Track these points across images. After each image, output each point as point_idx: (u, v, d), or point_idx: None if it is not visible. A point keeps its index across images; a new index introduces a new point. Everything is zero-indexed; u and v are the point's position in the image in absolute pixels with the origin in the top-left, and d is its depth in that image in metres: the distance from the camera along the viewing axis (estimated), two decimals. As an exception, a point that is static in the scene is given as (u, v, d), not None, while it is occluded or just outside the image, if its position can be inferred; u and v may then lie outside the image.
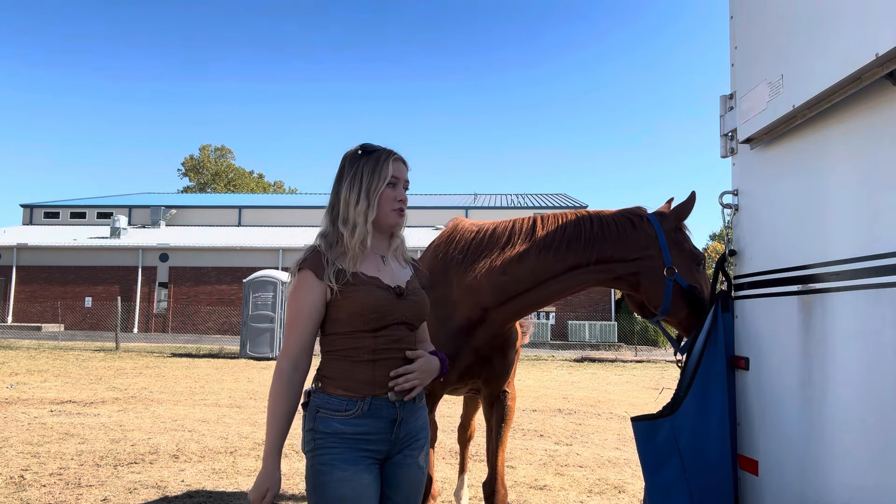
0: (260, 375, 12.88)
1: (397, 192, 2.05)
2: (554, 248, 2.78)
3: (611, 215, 2.85)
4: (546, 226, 2.87)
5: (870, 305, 1.79)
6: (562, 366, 17.30)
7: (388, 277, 2.03)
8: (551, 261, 2.76)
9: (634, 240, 2.75)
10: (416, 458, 2.02)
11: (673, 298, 2.68)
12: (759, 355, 2.30)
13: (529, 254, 2.80)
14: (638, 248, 2.74)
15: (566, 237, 2.79)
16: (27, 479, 4.87)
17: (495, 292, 2.80)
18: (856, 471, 1.84)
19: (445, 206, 36.08)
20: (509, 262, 2.81)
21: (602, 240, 2.75)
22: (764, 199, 2.35)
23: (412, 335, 2.05)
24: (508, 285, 2.79)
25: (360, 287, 1.94)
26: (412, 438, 2.01)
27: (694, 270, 2.75)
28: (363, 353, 1.94)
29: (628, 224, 2.79)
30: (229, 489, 4.79)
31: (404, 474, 2.00)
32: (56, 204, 40.25)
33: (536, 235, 2.85)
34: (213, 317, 30.54)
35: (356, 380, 1.93)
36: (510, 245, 2.86)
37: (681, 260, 2.73)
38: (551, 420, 8.39)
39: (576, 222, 2.83)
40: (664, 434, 2.44)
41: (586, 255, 2.75)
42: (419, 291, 2.09)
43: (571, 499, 4.80)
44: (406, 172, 2.10)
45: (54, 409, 8.03)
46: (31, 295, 31.72)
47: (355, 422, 1.91)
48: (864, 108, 1.85)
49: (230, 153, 65.96)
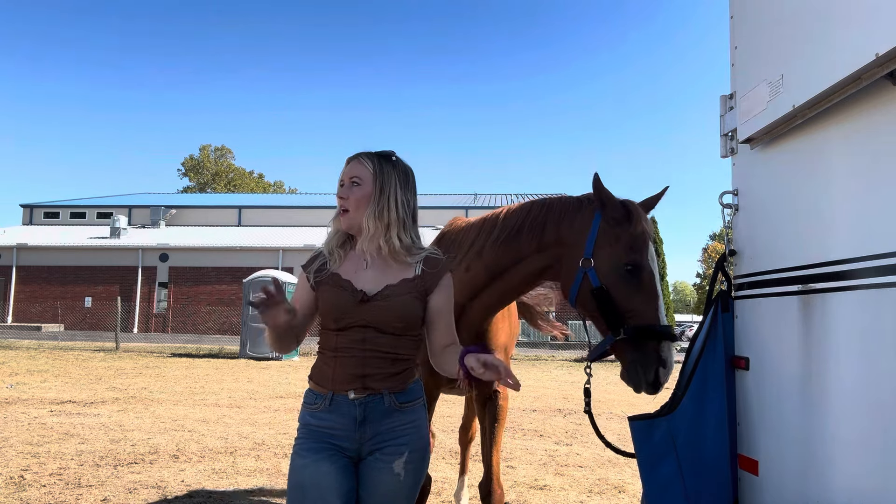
0: (260, 375, 12.88)
1: (341, 192, 2.07)
2: (503, 240, 2.70)
3: (567, 198, 2.71)
4: (506, 217, 2.78)
5: (870, 305, 1.79)
6: (562, 366, 17.30)
7: (365, 280, 2.01)
8: (501, 253, 2.70)
9: (574, 224, 2.59)
10: (389, 463, 1.96)
11: (580, 292, 2.54)
12: (759, 355, 2.30)
13: (485, 248, 2.75)
14: (573, 234, 2.57)
15: (515, 226, 2.69)
16: (27, 479, 4.87)
17: (466, 288, 2.77)
18: (856, 471, 1.84)
19: (445, 206, 36.05)
20: (472, 259, 2.79)
21: (543, 224, 2.63)
22: (764, 199, 2.35)
23: (385, 338, 1.98)
24: (473, 281, 2.77)
25: (330, 288, 2.02)
26: (385, 441, 1.97)
27: (619, 272, 2.46)
28: (328, 349, 2.02)
29: (573, 207, 2.64)
30: (229, 489, 4.79)
31: (376, 477, 1.96)
32: (56, 204, 40.26)
33: (495, 227, 2.77)
34: (212, 317, 30.54)
35: (323, 375, 2.02)
36: (477, 239, 2.83)
37: (607, 256, 2.48)
38: (551, 420, 8.39)
39: (528, 209, 2.72)
40: (661, 433, 2.43)
41: (529, 243, 2.65)
42: (395, 297, 1.99)
43: (571, 499, 4.80)
44: (354, 170, 2.06)
45: (54, 409, 8.03)
46: (31, 295, 31.72)
47: (320, 415, 1.98)
48: (864, 108, 1.85)
49: (230, 153, 66.00)
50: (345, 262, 2.07)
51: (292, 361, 16.54)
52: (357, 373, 1.96)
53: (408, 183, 2.09)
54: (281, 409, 8.68)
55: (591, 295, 2.48)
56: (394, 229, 2.02)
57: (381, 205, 2.01)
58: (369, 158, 2.06)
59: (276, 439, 6.62)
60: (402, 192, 2.06)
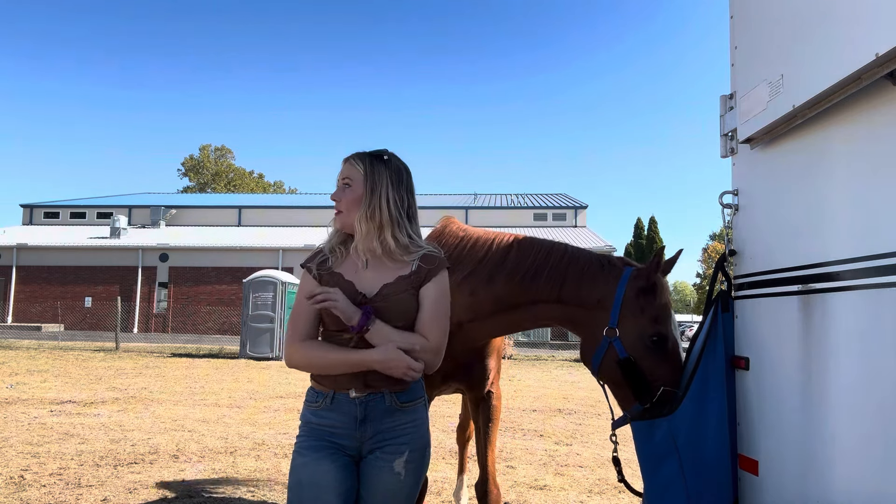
0: (260, 375, 12.88)
1: (334, 194, 2.08)
2: (520, 278, 2.65)
3: (585, 253, 2.67)
4: (521, 250, 2.72)
5: (870, 305, 1.79)
6: (562, 366, 17.30)
7: (364, 281, 2.02)
8: (516, 290, 2.66)
9: (596, 286, 2.55)
10: (390, 462, 1.96)
11: (604, 361, 2.53)
12: (759, 355, 2.30)
13: (496, 278, 2.70)
14: (594, 297, 2.55)
15: (534, 266, 2.64)
16: (27, 479, 4.87)
17: (466, 310, 2.73)
18: (856, 471, 1.84)
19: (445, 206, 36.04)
20: (478, 284, 2.74)
21: (563, 277, 2.60)
22: (764, 199, 2.35)
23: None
24: (476, 306, 2.74)
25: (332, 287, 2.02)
26: (384, 440, 1.97)
27: (646, 343, 2.47)
28: None
29: (597, 267, 2.60)
30: (229, 489, 4.79)
31: (376, 476, 1.96)
32: (56, 204, 40.25)
33: (508, 259, 2.71)
34: (212, 317, 30.54)
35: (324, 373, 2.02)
36: (483, 263, 2.77)
37: (633, 327, 2.48)
38: (551, 420, 8.39)
39: (547, 252, 2.68)
40: (662, 434, 2.44)
41: (548, 291, 2.61)
42: (392, 296, 1.99)
43: (571, 499, 4.80)
44: (345, 172, 2.07)
45: (54, 409, 8.02)
46: (31, 295, 31.71)
47: (322, 413, 1.99)
48: (864, 108, 1.85)
49: (230, 153, 65.99)
50: (346, 261, 2.07)
51: (292, 361, 16.53)
52: (358, 371, 1.96)
53: (401, 181, 2.06)
54: (281, 409, 8.67)
55: (617, 365, 2.50)
56: (387, 229, 2.00)
57: (373, 205, 2.00)
58: (360, 159, 2.06)
59: (276, 439, 6.62)
60: (395, 190, 2.03)
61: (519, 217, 37.75)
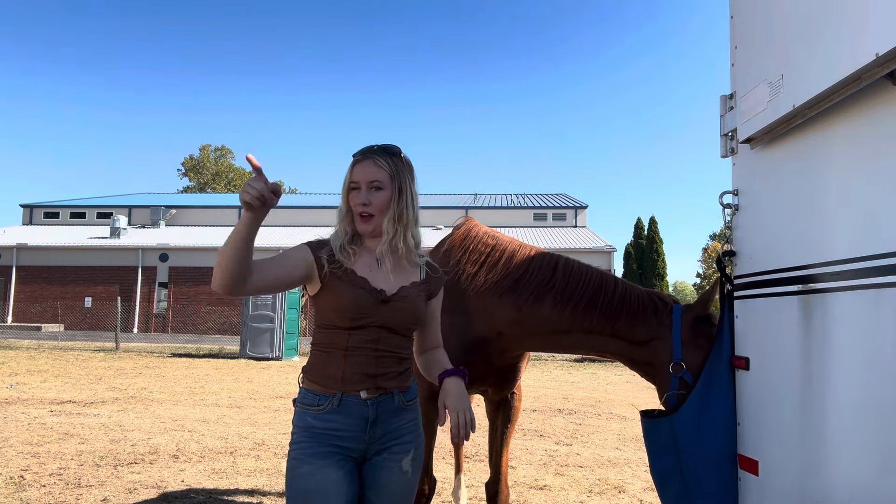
0: (260, 375, 12.88)
1: (360, 197, 1.94)
2: (573, 306, 2.68)
3: (635, 290, 2.74)
4: (568, 274, 2.75)
5: (870, 305, 1.79)
6: (562, 366, 17.30)
7: (380, 279, 1.97)
8: (567, 316, 2.69)
9: (650, 323, 2.65)
10: (399, 462, 1.96)
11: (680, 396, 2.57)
12: (759, 355, 2.30)
13: (544, 301, 2.72)
14: (649, 332, 2.64)
15: (587, 295, 2.69)
16: (27, 479, 4.87)
17: (511, 325, 2.78)
18: (856, 471, 1.84)
19: (445, 206, 36.06)
20: (524, 302, 2.74)
21: (617, 314, 2.66)
22: (764, 199, 2.34)
23: (396, 338, 1.98)
24: (523, 322, 2.76)
25: (346, 284, 1.93)
26: (393, 440, 1.96)
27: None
28: (337, 348, 1.95)
29: (650, 305, 2.69)
30: (229, 489, 4.79)
31: (385, 477, 1.95)
32: (56, 204, 40.26)
33: (556, 281, 2.74)
34: (212, 317, 30.54)
35: (328, 374, 1.94)
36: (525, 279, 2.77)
37: (695, 355, 2.58)
38: (551, 420, 8.38)
39: (599, 283, 2.72)
40: (664, 432, 2.49)
41: (603, 324, 2.66)
42: (411, 298, 1.99)
43: (571, 499, 4.80)
44: (372, 174, 1.94)
45: (54, 409, 8.02)
46: (31, 295, 31.71)
47: (326, 417, 1.91)
48: (864, 108, 1.85)
49: (230, 153, 65.97)
50: (358, 259, 1.99)
51: (292, 361, 16.54)
52: (370, 372, 1.93)
53: (414, 175, 2.03)
54: (281, 409, 8.67)
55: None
56: (410, 228, 1.98)
57: (401, 206, 1.95)
58: (383, 158, 1.96)
59: (276, 439, 6.62)
60: (414, 186, 2.02)
61: (519, 217, 37.74)
